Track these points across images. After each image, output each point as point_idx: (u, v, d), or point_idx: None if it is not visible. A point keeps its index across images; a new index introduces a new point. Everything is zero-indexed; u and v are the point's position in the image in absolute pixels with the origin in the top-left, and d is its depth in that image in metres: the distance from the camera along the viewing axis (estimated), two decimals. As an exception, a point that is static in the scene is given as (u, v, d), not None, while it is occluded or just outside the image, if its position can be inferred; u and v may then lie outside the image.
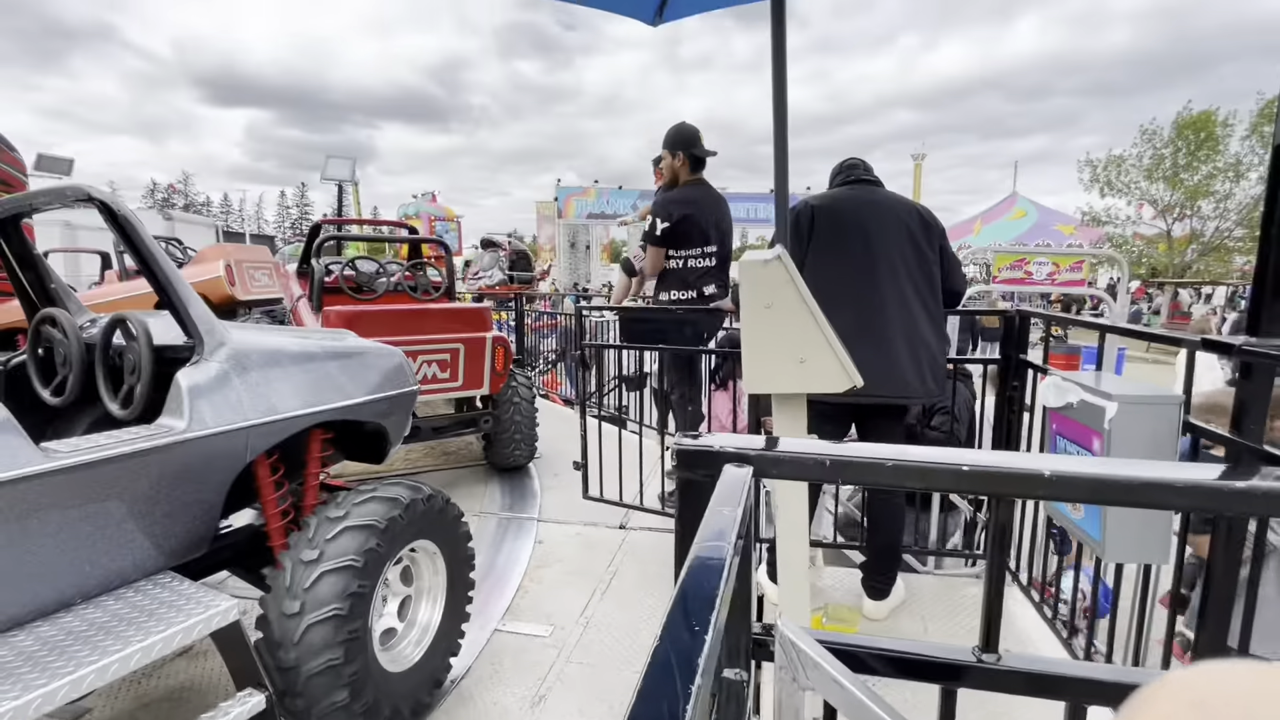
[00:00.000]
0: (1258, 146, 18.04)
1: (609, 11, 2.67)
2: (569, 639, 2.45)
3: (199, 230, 13.65)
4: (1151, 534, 1.65)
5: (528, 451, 4.16)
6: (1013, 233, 16.52)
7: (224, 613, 1.51)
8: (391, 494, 1.89)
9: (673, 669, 0.31)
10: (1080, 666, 0.65)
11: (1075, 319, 2.68)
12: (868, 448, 0.64)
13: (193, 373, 1.63)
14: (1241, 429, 1.43)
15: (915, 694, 1.06)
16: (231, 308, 5.33)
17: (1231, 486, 0.55)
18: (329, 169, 10.53)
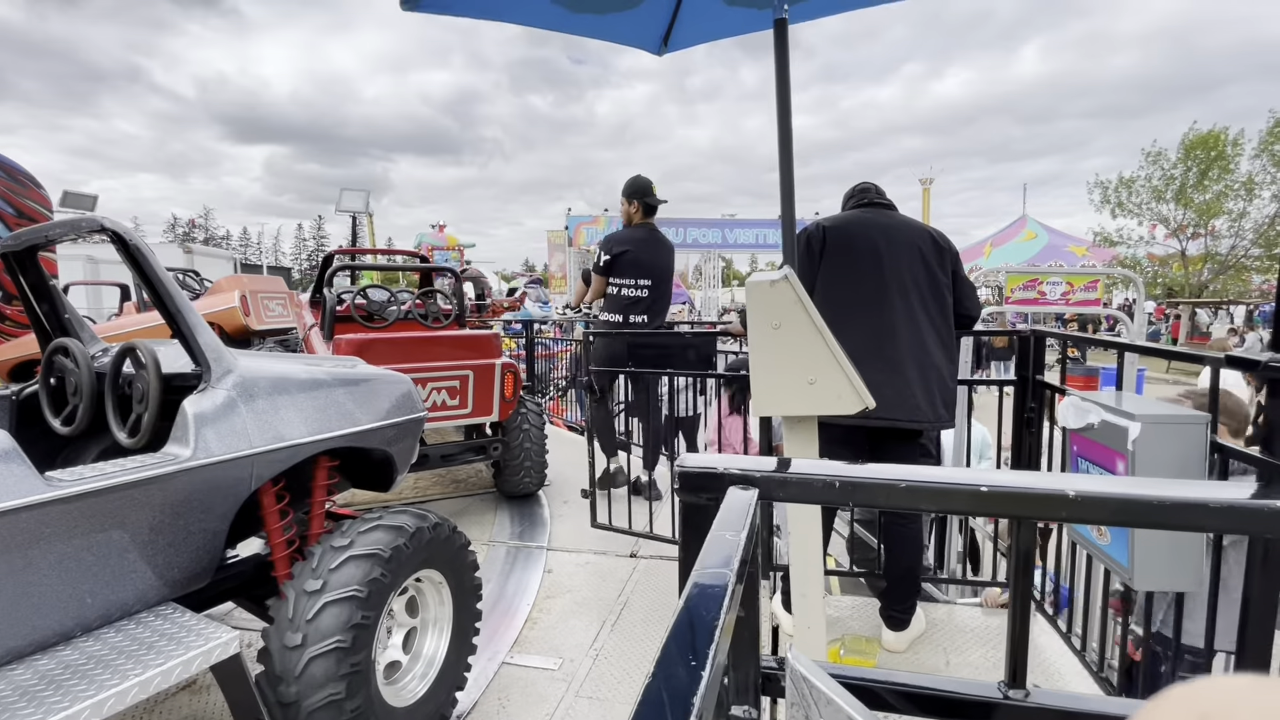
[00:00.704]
0: (1269, 165, 17.95)
1: (615, 43, 2.72)
2: (578, 672, 2.38)
3: (218, 263, 13.93)
4: (1182, 559, 1.58)
5: (537, 479, 4.12)
6: (1024, 255, 16.45)
7: (225, 645, 1.48)
8: (397, 522, 1.86)
9: (665, 708, 0.29)
10: (1115, 703, 0.61)
11: (1093, 338, 2.63)
12: (879, 468, 0.61)
13: (199, 400, 1.63)
14: (1273, 449, 1.38)
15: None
16: (246, 337, 5.39)
17: (1271, 506, 0.51)
18: (344, 201, 10.76)
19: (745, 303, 1.54)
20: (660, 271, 3.72)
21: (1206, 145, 18.70)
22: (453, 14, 2.27)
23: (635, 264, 3.61)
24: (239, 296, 5.29)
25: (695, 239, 22.59)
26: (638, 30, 2.64)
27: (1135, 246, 20.19)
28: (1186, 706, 0.21)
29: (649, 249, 3.67)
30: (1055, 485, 0.56)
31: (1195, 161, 18.87)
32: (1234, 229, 18.92)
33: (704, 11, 2.54)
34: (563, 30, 2.50)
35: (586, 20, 2.51)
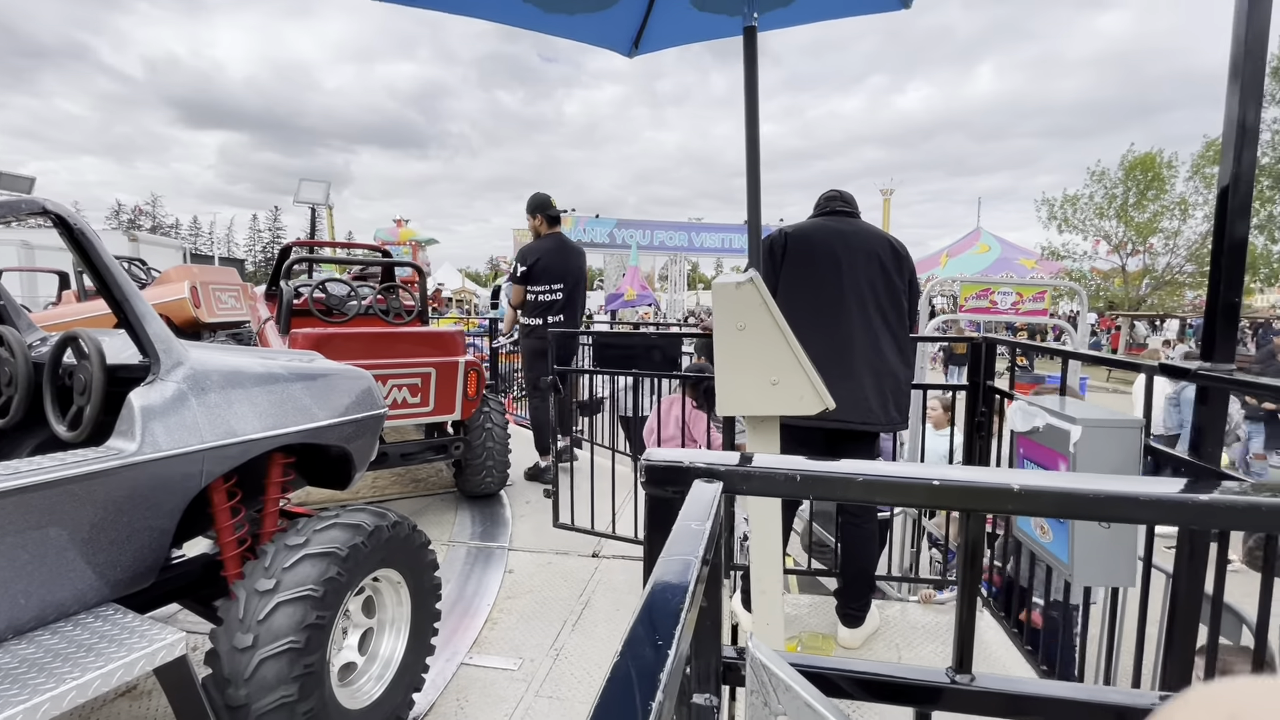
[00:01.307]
0: (1201, 187, 19.03)
1: (587, 43, 2.72)
2: (538, 672, 2.37)
3: (165, 252, 13.34)
4: (1118, 557, 1.67)
5: (499, 478, 4.08)
6: (978, 266, 17.05)
7: (169, 647, 1.43)
8: (355, 520, 1.82)
9: (632, 685, 0.29)
10: (1055, 686, 0.64)
11: (1041, 346, 2.75)
12: (838, 464, 0.63)
13: (147, 393, 1.57)
14: (1200, 452, 1.47)
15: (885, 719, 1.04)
16: (196, 330, 5.19)
17: (1195, 500, 0.55)
18: (302, 192, 10.44)
19: (712, 303, 1.56)
20: (572, 274, 4.16)
21: (1144, 167, 19.73)
22: (422, 7, 2.24)
23: (547, 270, 4.09)
24: (189, 287, 5.09)
25: (662, 241, 22.72)
26: (609, 31, 2.65)
27: (1080, 261, 21.14)
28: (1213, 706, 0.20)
29: (559, 256, 4.14)
30: (1002, 480, 0.59)
31: (1134, 182, 19.89)
32: (1169, 246, 19.99)
33: (675, 15, 2.57)
34: (534, 28, 2.49)
35: (558, 20, 2.50)
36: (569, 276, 4.15)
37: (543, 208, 4.20)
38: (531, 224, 4.25)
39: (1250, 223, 1.52)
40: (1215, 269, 1.49)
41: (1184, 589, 1.26)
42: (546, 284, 4.13)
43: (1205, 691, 0.21)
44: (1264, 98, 1.49)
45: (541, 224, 4.20)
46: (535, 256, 4.10)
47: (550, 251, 4.13)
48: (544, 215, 4.19)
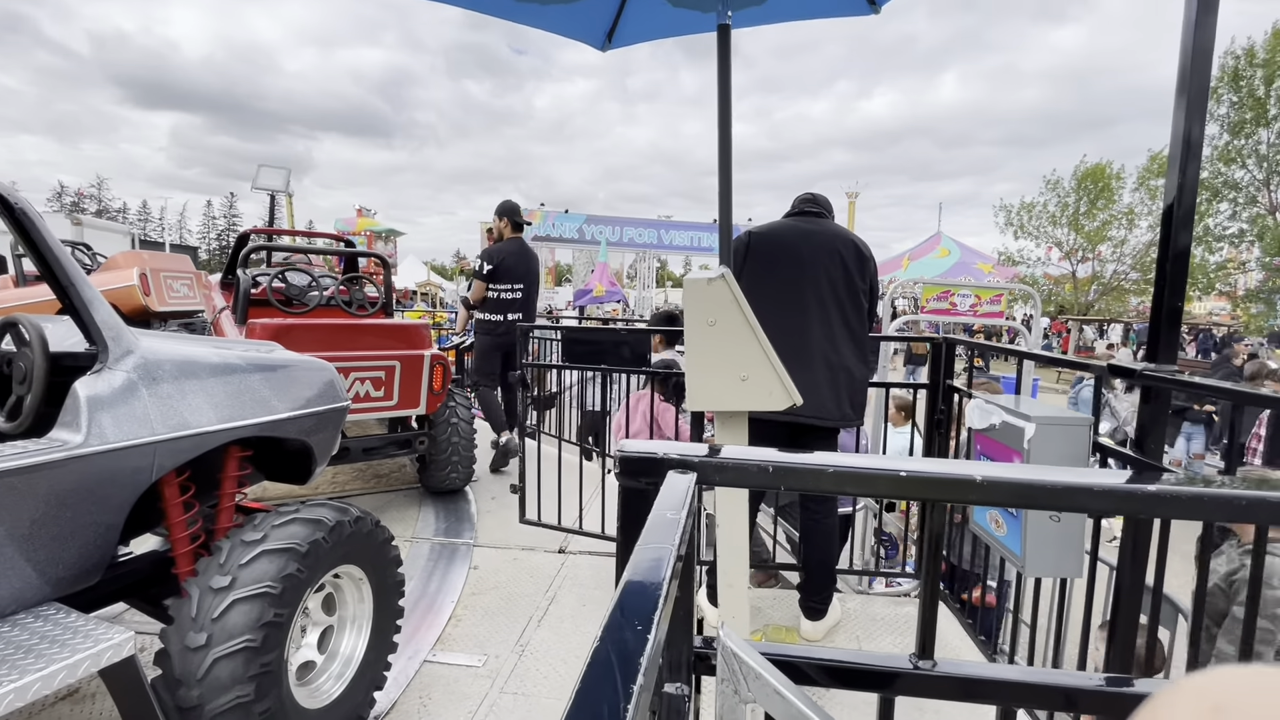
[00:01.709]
0: (1146, 198, 19.96)
1: (560, 35, 2.70)
2: (503, 668, 2.35)
3: (112, 237, 12.70)
4: (1067, 550, 1.74)
5: (465, 474, 4.03)
6: (938, 269, 17.52)
7: (116, 647, 1.37)
8: (316, 515, 1.78)
9: (614, 669, 0.30)
10: (1011, 670, 0.67)
11: (997, 346, 2.85)
12: (809, 455, 0.65)
13: (94, 382, 1.50)
14: (1144, 448, 1.54)
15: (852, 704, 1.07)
16: (145, 319, 4.96)
17: (1144, 491, 0.58)
18: (261, 178, 10.09)
19: (683, 298, 1.57)
20: (531, 276, 4.59)
21: (1094, 177, 20.60)
22: (391, -11, 2.19)
23: (510, 271, 4.44)
24: (138, 274, 4.86)
25: (631, 238, 22.68)
26: (583, 24, 2.63)
27: (1034, 266, 21.95)
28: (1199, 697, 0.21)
29: (520, 259, 4.52)
30: (965, 471, 0.61)
31: (1085, 191, 20.75)
32: (1116, 254, 20.91)
33: (649, 10, 2.57)
34: (506, 17, 2.46)
35: (530, 9, 2.48)
36: (529, 278, 4.54)
37: (512, 214, 4.60)
38: (498, 225, 4.62)
39: (1193, 233, 1.59)
40: (1160, 276, 1.56)
41: (1127, 577, 1.33)
42: (509, 283, 4.47)
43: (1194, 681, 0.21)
44: (1207, 113, 1.56)
45: (507, 227, 4.58)
46: (501, 257, 4.43)
47: (514, 254, 4.50)
48: (511, 221, 4.58)
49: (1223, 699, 0.20)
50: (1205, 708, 0.20)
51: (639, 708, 0.28)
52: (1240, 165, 16.58)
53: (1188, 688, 0.21)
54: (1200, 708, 0.20)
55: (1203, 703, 0.20)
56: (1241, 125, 16.20)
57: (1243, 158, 16.56)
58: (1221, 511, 0.59)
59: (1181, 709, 0.21)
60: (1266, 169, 16.35)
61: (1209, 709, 0.20)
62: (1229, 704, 0.20)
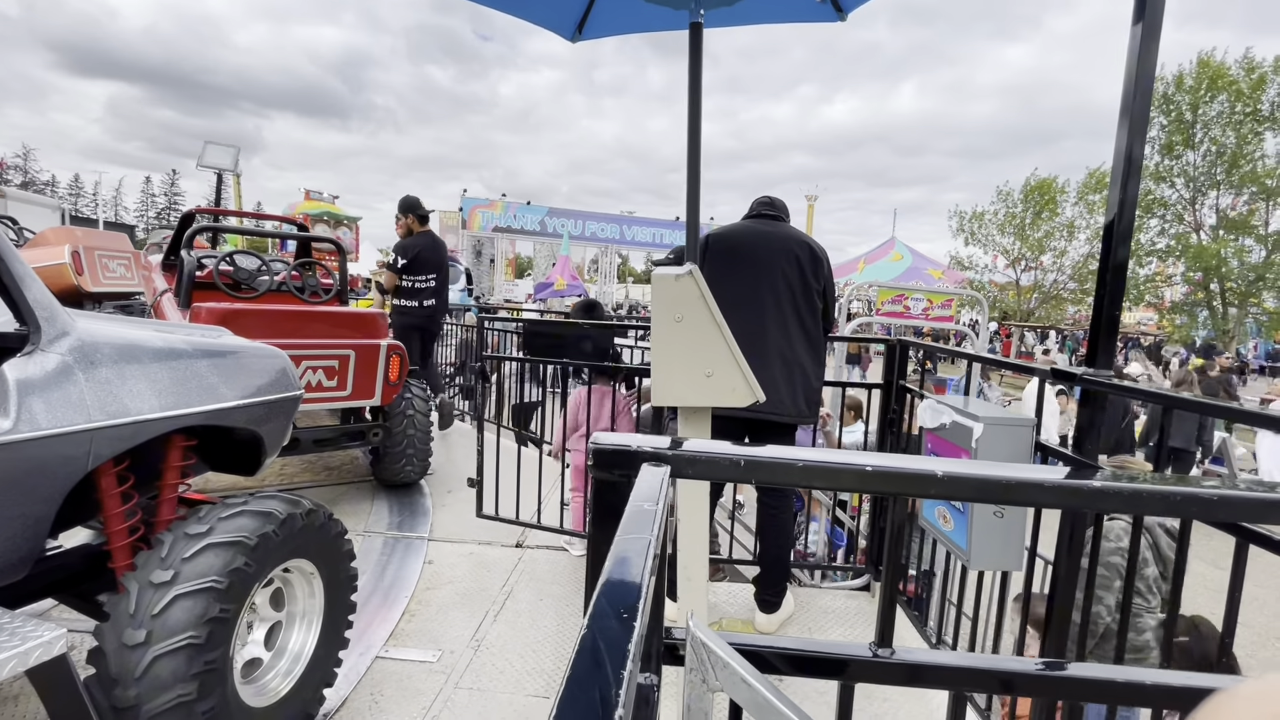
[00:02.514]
0: (1084, 212, 21.03)
1: (530, 21, 2.66)
2: (458, 664, 2.32)
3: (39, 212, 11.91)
4: (1010, 545, 1.83)
5: (420, 467, 3.95)
6: (891, 274, 18.08)
7: (46, 645, 1.29)
8: (265, 508, 1.72)
9: (602, 655, 0.30)
10: (964, 657, 0.70)
11: (950, 349, 2.96)
12: (779, 449, 0.66)
13: (24, 364, 1.41)
14: (1081, 449, 1.63)
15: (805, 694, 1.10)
16: (78, 300, 4.68)
17: (1089, 486, 0.62)
18: (207, 156, 9.63)
19: (651, 294, 1.58)
20: (442, 266, 4.98)
21: (1041, 190, 21.59)
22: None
23: (425, 262, 4.82)
24: (69, 252, 4.58)
25: (594, 233, 22.60)
26: (554, 12, 2.60)
27: (981, 273, 22.86)
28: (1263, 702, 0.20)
29: (433, 250, 4.92)
30: (927, 467, 0.63)
31: (1032, 204, 21.72)
32: (1057, 265, 21.98)
33: (621, 4, 2.56)
34: (477, 0, 2.41)
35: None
36: (441, 268, 4.94)
37: (414, 209, 4.92)
38: (404, 221, 4.92)
39: (1131, 246, 1.69)
40: (1100, 286, 1.65)
41: (1063, 569, 1.40)
42: (424, 274, 4.82)
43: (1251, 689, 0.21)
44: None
45: (414, 222, 4.91)
46: (416, 250, 4.81)
47: (427, 247, 4.88)
48: (415, 215, 4.91)
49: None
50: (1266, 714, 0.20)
51: (628, 694, 0.29)
52: (1169, 184, 17.63)
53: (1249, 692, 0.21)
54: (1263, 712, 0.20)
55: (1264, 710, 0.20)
56: (1170, 147, 17.21)
57: (1171, 177, 17.61)
58: (1158, 506, 0.63)
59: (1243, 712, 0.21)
60: (1193, 189, 17.43)
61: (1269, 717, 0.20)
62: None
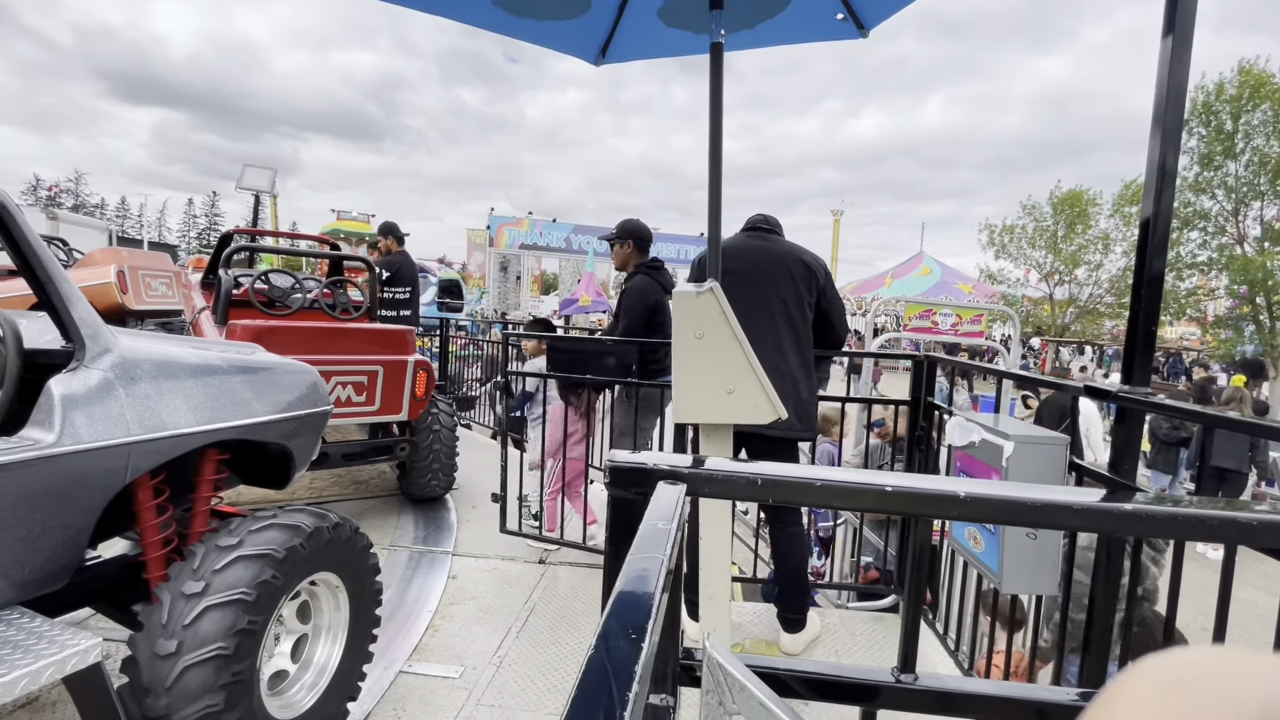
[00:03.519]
0: (1120, 224, 20.49)
1: (554, 50, 2.72)
2: (480, 680, 2.32)
3: (89, 233, 12.45)
4: (1043, 567, 1.77)
5: (446, 482, 3.99)
6: (920, 288, 17.81)
7: (83, 653, 1.33)
8: (294, 521, 1.75)
9: (609, 676, 0.30)
10: (988, 685, 0.68)
11: (979, 365, 2.90)
12: (797, 468, 0.65)
13: (69, 380, 1.47)
14: (1119, 469, 1.58)
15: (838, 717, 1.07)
16: (121, 318, 4.87)
17: (1120, 509, 0.60)
18: (246, 178, 9.98)
19: (672, 311, 1.58)
20: (415, 281, 5.65)
21: (1071, 202, 21.13)
22: (389, 1, 2.19)
23: (402, 277, 5.52)
24: (115, 271, 4.78)
25: (618, 249, 22.70)
26: (577, 39, 2.66)
27: (1014, 287, 22.38)
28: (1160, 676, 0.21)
29: (409, 268, 5.62)
30: (949, 487, 0.62)
31: (1063, 216, 21.26)
32: (1092, 278, 21.41)
33: (643, 29, 2.60)
34: (501, 32, 2.48)
35: (526, 25, 2.50)
36: (414, 283, 5.64)
37: (393, 231, 5.73)
38: (385, 243, 5.72)
39: (1167, 259, 1.64)
40: (1135, 300, 1.61)
41: (1101, 594, 1.35)
42: (400, 286, 5.46)
43: (1154, 661, 0.22)
44: (1181, 145, 1.62)
45: (392, 243, 5.67)
46: (397, 266, 5.49)
47: (405, 265, 5.58)
48: (394, 237, 5.69)
49: (1182, 677, 0.21)
50: (1166, 685, 0.21)
51: (634, 715, 0.28)
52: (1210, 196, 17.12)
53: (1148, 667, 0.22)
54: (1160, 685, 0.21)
55: (1163, 681, 0.21)
56: (1211, 157, 16.73)
57: (1212, 189, 17.10)
58: (1194, 531, 0.60)
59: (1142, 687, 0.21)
60: (1235, 200, 16.89)
61: (1169, 687, 0.20)
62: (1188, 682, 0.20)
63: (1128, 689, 0.22)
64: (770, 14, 2.52)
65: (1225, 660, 0.21)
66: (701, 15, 2.41)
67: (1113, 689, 0.22)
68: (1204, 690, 0.20)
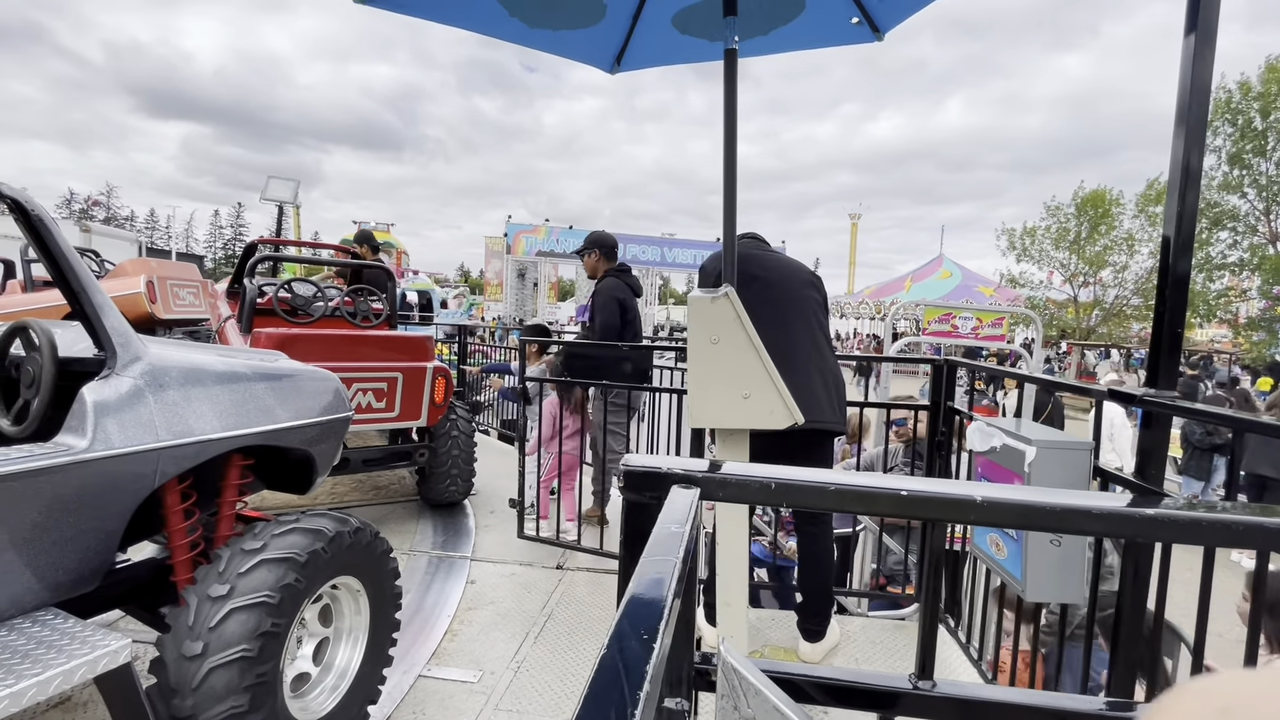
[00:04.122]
0: (1146, 225, 20.06)
1: (570, 59, 2.75)
2: (498, 684, 2.33)
3: (119, 245, 12.80)
4: (1068, 575, 1.73)
5: (464, 487, 4.02)
6: (940, 291, 17.61)
7: (113, 654, 1.37)
8: (315, 525, 1.78)
9: (620, 676, 0.30)
10: (1011, 692, 0.67)
11: (1002, 370, 2.86)
12: (811, 472, 0.65)
13: (100, 388, 1.51)
14: (1145, 474, 1.54)
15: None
16: (150, 327, 4.99)
17: (1142, 514, 0.59)
18: (270, 189, 10.19)
19: (687, 316, 1.59)
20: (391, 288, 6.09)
21: (1094, 203, 20.74)
22: (408, 13, 2.24)
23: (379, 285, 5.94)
24: (144, 281, 4.90)
25: (635, 255, 22.81)
26: (592, 48, 2.68)
27: (1036, 290, 22.01)
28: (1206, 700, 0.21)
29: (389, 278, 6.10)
30: (965, 491, 0.61)
31: (1086, 216, 20.87)
32: (1118, 280, 20.98)
33: (657, 37, 2.62)
34: (518, 42, 2.51)
35: (543, 35, 2.53)
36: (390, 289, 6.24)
37: (368, 239, 6.10)
38: (361, 251, 5.98)
39: (1192, 260, 1.61)
40: (1160, 302, 1.58)
41: (1129, 601, 1.32)
42: None
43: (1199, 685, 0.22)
44: (1206, 144, 1.59)
45: (367, 251, 5.91)
46: None
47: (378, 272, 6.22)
48: (369, 245, 5.99)
49: (1231, 701, 0.20)
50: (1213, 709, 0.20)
51: (645, 715, 0.29)
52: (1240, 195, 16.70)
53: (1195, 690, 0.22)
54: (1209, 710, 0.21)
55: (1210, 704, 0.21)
56: (1239, 156, 16.34)
57: (1242, 188, 16.69)
58: (1220, 536, 0.59)
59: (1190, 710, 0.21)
60: (1266, 199, 16.46)
61: (1216, 711, 0.20)
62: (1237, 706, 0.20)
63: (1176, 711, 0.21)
64: (784, 20, 2.52)
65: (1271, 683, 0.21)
66: (716, 22, 2.42)
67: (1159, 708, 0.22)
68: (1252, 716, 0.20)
